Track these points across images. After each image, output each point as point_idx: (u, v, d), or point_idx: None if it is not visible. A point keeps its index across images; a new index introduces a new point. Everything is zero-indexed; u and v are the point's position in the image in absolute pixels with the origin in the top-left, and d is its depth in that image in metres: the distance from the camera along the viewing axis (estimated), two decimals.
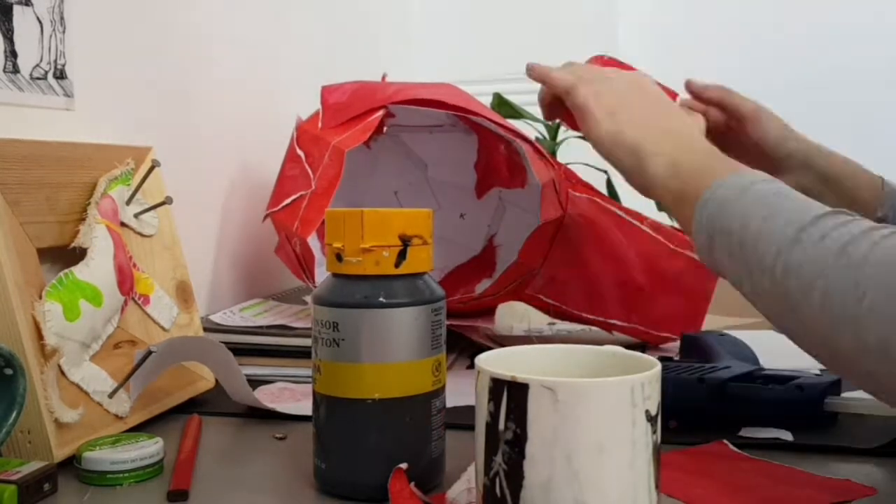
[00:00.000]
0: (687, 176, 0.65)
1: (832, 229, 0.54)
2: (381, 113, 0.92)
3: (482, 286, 1.05)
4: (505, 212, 1.11)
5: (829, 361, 0.55)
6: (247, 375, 0.75)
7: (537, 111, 0.87)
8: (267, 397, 0.80)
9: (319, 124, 0.95)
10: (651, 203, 0.86)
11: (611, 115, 0.71)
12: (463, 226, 1.13)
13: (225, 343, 0.73)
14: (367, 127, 0.91)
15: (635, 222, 0.99)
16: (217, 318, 0.95)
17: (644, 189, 0.70)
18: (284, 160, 0.97)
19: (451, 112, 0.96)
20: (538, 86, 0.79)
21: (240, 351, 0.83)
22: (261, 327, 0.91)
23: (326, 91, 0.96)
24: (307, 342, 0.73)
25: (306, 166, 0.92)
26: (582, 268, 1.00)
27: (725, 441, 0.66)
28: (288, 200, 0.91)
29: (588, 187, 1.02)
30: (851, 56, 2.18)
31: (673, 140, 0.69)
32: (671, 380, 0.68)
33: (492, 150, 1.08)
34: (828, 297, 0.52)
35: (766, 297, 0.57)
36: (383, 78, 1.04)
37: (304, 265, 0.92)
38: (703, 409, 0.71)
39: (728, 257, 0.60)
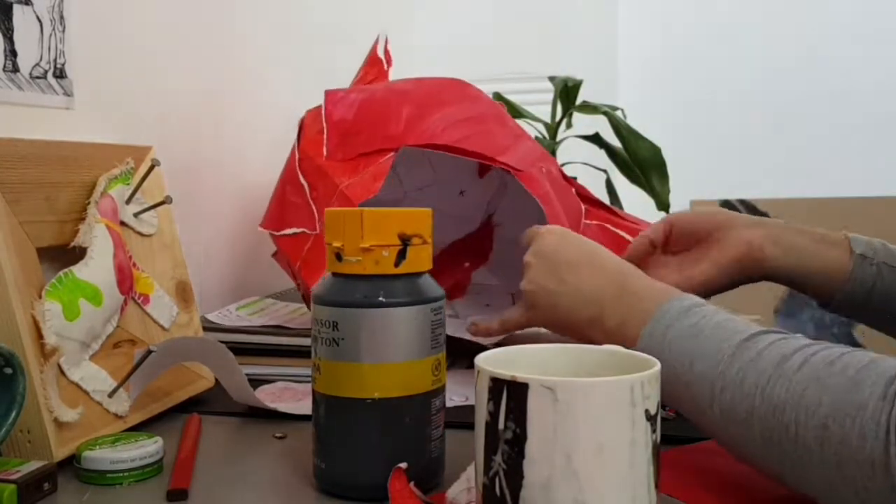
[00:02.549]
0: (617, 337, 0.64)
1: (747, 369, 0.54)
2: (392, 155, 0.87)
3: (479, 275, 1.03)
4: (506, 191, 1.08)
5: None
6: (248, 374, 0.75)
7: (537, 111, 0.87)
8: (268, 396, 0.80)
9: (324, 149, 0.89)
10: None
11: (532, 310, 0.72)
12: (462, 202, 1.10)
13: (224, 342, 0.73)
14: (378, 172, 0.86)
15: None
16: (213, 317, 0.96)
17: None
18: (284, 176, 0.93)
19: (470, 158, 0.90)
20: (538, 86, 0.79)
21: (240, 350, 0.83)
22: (263, 326, 0.91)
23: (330, 100, 0.91)
24: (307, 342, 0.73)
25: (310, 201, 0.88)
26: None
27: None
28: (290, 231, 0.88)
29: (601, 210, 0.97)
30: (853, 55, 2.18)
31: (588, 306, 0.68)
32: None
33: None
34: (766, 442, 0.52)
35: (714, 436, 0.58)
36: (385, 50, 0.98)
37: (305, 297, 0.90)
38: None
39: (677, 403, 0.61)
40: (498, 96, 1.64)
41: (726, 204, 2.24)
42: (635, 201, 1.59)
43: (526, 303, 0.73)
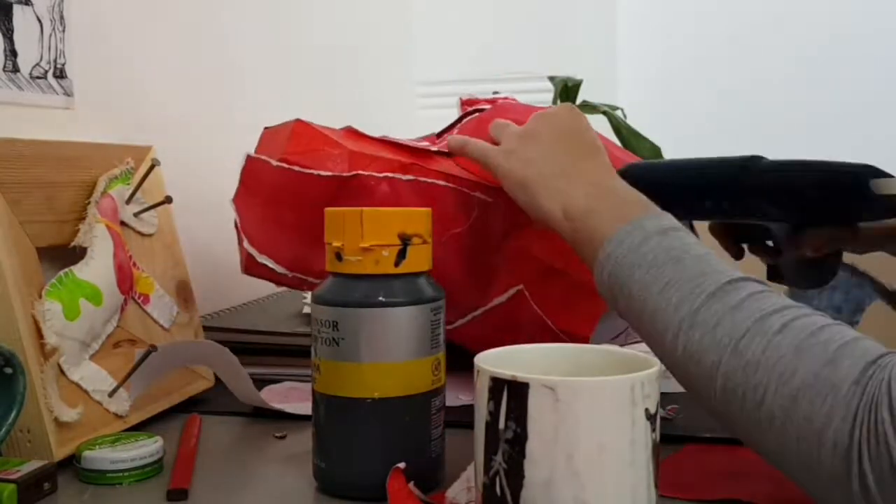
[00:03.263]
0: (580, 223, 0.63)
1: (724, 315, 0.52)
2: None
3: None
4: None
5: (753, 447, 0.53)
6: (254, 375, 0.75)
7: None
8: (275, 397, 0.80)
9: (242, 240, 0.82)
10: None
11: (507, 154, 0.70)
12: None
13: (225, 342, 0.73)
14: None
15: None
16: None
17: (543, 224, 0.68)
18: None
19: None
20: (538, 86, 0.78)
21: (241, 350, 0.83)
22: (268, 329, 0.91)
23: (248, 171, 0.81)
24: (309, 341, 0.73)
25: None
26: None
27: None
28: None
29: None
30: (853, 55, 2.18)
31: (568, 182, 0.66)
32: (713, 163, 0.68)
33: None
34: (727, 394, 0.50)
35: (672, 371, 0.55)
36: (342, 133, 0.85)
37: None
38: (742, 194, 0.67)
39: (634, 321, 0.58)
40: None
41: None
42: None
43: (496, 174, 0.70)
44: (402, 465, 0.55)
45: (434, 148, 0.82)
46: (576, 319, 0.78)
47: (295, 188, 0.77)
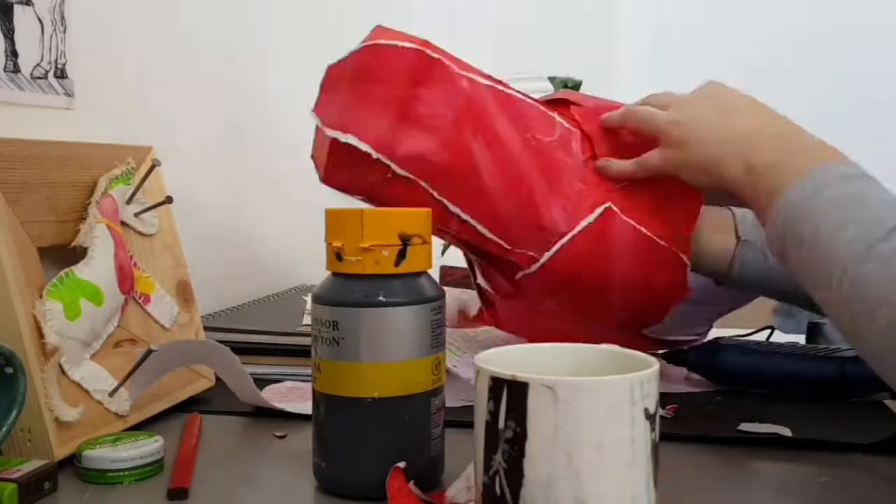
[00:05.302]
0: (759, 178, 0.63)
1: None
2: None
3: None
4: None
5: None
6: (256, 374, 0.75)
7: None
8: (276, 396, 0.80)
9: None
10: None
11: (675, 116, 0.71)
12: None
13: (226, 342, 0.73)
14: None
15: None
16: None
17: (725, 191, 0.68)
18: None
19: None
20: (538, 86, 0.78)
21: (242, 350, 0.83)
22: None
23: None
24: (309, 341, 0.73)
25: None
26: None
27: None
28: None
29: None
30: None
31: (742, 140, 0.66)
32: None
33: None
34: (892, 328, 0.48)
35: (833, 313, 0.54)
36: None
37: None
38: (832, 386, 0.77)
39: (801, 270, 0.57)
40: None
41: None
42: None
43: (668, 139, 0.71)
44: (401, 464, 0.55)
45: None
46: (671, 223, 0.76)
47: (381, 63, 0.75)
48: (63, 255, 0.71)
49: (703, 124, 0.69)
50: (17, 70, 0.79)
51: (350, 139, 0.73)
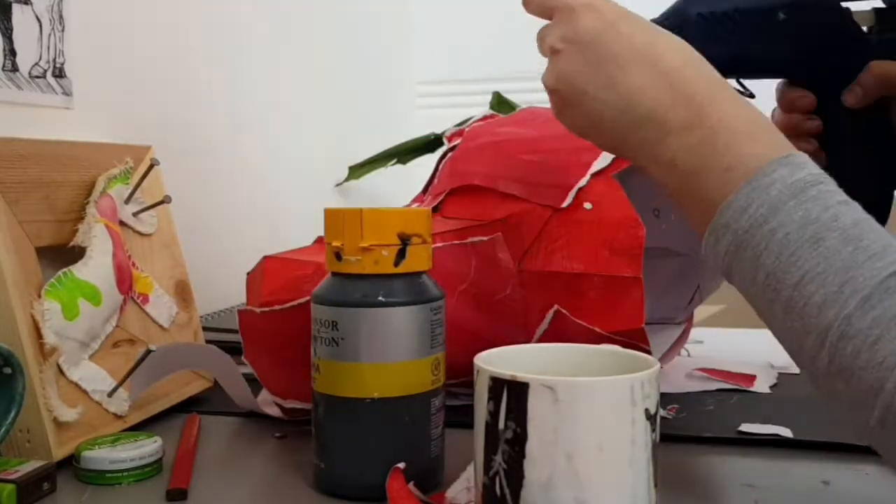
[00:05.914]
0: (674, 177, 0.50)
1: (888, 327, 0.40)
2: None
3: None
4: None
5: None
6: (255, 375, 0.75)
7: None
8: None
9: None
10: None
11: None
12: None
13: (225, 342, 0.73)
14: None
15: None
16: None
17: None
18: None
19: None
20: (538, 85, 0.70)
21: (241, 350, 0.83)
22: None
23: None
24: None
25: None
26: None
27: None
28: None
29: None
30: None
31: (641, 120, 0.51)
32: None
33: None
34: (890, 427, 0.40)
35: (816, 383, 0.44)
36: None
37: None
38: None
39: (758, 308, 0.47)
40: (497, 96, 1.64)
41: None
42: None
43: (554, 104, 0.56)
44: (401, 465, 0.55)
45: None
46: (622, 317, 0.71)
47: (284, 326, 0.70)
48: (61, 254, 0.71)
49: (592, 99, 0.52)
50: (15, 69, 0.79)
51: (295, 404, 0.71)
